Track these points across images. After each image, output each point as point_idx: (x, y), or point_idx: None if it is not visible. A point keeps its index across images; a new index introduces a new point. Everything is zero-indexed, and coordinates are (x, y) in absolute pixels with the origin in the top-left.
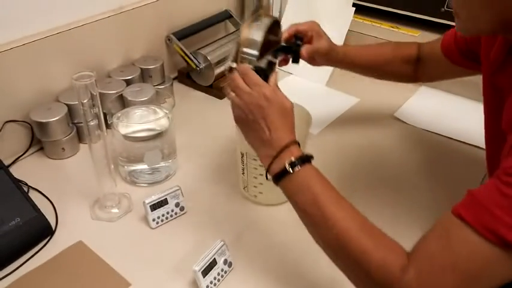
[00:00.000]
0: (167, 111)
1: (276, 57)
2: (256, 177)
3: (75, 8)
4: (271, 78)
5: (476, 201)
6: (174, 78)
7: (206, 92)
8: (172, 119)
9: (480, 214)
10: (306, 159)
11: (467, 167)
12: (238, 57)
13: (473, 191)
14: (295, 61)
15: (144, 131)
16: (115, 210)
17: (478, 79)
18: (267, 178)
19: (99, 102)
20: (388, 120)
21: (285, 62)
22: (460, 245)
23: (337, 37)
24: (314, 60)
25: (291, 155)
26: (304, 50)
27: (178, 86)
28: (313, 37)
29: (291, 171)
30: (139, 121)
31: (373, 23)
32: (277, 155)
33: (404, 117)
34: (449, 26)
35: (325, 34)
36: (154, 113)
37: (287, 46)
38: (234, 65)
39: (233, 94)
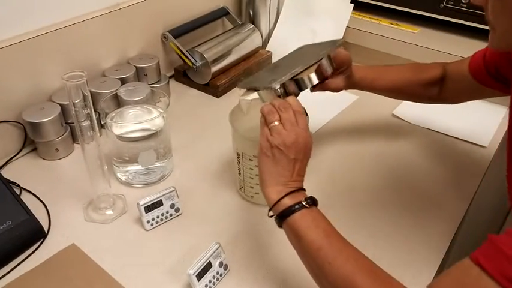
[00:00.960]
0: (162, 111)
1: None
2: (252, 178)
3: (69, 5)
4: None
5: (497, 248)
6: (170, 77)
7: (203, 91)
8: (167, 118)
9: (500, 262)
10: (316, 202)
11: (466, 165)
12: (287, 83)
13: (493, 237)
14: None
15: (139, 131)
16: (109, 212)
17: None
18: (268, 214)
19: (91, 102)
20: (387, 118)
21: None
22: None
23: (336, 34)
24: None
25: (305, 196)
26: (318, 87)
27: (174, 85)
28: (338, 72)
29: (307, 205)
30: (133, 121)
31: (372, 20)
32: (291, 192)
33: (403, 115)
34: (449, 23)
35: (350, 67)
36: (149, 113)
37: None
38: (278, 90)
39: (277, 123)
